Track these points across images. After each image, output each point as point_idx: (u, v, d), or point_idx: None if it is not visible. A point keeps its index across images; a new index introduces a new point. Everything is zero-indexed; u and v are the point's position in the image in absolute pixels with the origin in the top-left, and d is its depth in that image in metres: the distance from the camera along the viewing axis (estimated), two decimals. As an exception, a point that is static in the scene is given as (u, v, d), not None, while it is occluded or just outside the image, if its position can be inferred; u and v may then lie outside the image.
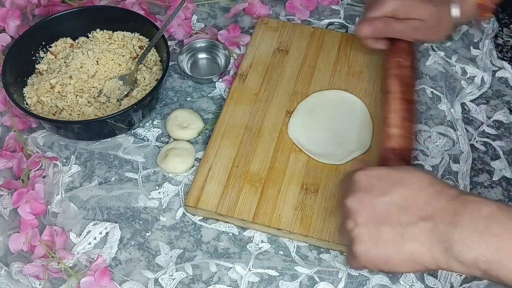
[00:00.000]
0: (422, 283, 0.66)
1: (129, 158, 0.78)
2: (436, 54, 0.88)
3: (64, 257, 0.67)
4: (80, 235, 0.70)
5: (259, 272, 0.67)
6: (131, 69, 0.84)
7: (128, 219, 0.72)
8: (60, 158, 0.78)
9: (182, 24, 0.89)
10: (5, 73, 0.77)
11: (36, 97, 0.80)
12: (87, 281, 0.65)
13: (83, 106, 0.79)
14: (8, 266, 0.67)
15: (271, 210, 0.70)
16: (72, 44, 0.87)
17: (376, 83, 0.83)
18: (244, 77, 0.84)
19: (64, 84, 0.81)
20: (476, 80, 0.86)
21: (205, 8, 0.96)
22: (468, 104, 0.84)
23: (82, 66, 0.83)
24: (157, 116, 0.82)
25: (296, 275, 0.67)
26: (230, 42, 0.89)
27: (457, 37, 0.88)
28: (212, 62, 0.89)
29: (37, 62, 0.85)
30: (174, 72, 0.88)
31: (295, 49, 0.87)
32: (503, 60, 0.88)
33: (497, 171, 0.77)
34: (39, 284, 0.66)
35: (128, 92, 0.81)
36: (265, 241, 0.70)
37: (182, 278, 0.67)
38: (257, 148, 0.76)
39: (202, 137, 0.80)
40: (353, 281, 0.66)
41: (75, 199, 0.74)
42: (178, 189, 0.75)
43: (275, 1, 0.97)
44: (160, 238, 0.71)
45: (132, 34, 0.87)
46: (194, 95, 0.85)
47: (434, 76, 0.86)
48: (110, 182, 0.76)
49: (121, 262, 0.69)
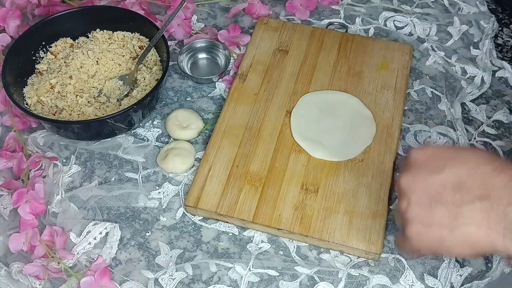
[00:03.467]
0: (422, 283, 0.66)
1: (129, 158, 0.78)
2: (436, 54, 0.88)
3: (64, 257, 0.67)
4: (80, 235, 0.70)
5: (259, 272, 0.67)
6: (131, 69, 0.84)
7: (128, 219, 0.72)
8: (60, 158, 0.78)
9: (182, 24, 0.89)
10: (5, 73, 0.77)
11: (36, 97, 0.80)
12: (87, 281, 0.65)
13: (83, 106, 0.79)
14: (8, 266, 0.67)
15: (271, 210, 0.70)
16: (72, 44, 0.87)
17: (376, 83, 0.83)
18: (244, 77, 0.84)
19: (64, 84, 0.81)
20: (476, 80, 0.86)
21: (205, 8, 0.96)
22: (468, 104, 0.84)
23: (82, 66, 0.83)
24: (157, 116, 0.82)
25: (296, 275, 0.67)
26: (230, 42, 0.89)
27: None
28: (212, 62, 0.89)
29: (37, 62, 0.85)
30: (174, 72, 0.88)
31: (295, 49, 0.87)
32: (503, 60, 0.88)
33: (497, 171, 0.77)
34: (39, 284, 0.66)
35: (128, 92, 0.81)
36: (265, 241, 0.70)
37: (182, 278, 0.67)
38: (257, 148, 0.76)
39: (202, 137, 0.80)
40: (353, 281, 0.66)
41: (75, 199, 0.74)
42: (178, 189, 0.75)
43: (275, 1, 0.97)
44: (160, 238, 0.71)
45: (132, 34, 0.87)
46: (194, 95, 0.85)
47: (434, 76, 0.86)
48: (110, 182, 0.76)
49: (121, 262, 0.69)
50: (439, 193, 0.50)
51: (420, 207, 0.51)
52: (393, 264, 0.68)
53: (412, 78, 0.86)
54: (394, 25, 0.93)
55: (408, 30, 0.92)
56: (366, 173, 0.73)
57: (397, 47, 0.87)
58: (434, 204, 0.50)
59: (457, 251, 0.51)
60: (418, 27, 0.92)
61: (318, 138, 0.77)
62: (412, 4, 0.95)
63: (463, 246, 0.50)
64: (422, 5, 0.96)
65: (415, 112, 0.82)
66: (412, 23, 0.92)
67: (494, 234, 0.48)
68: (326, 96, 0.82)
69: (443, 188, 0.50)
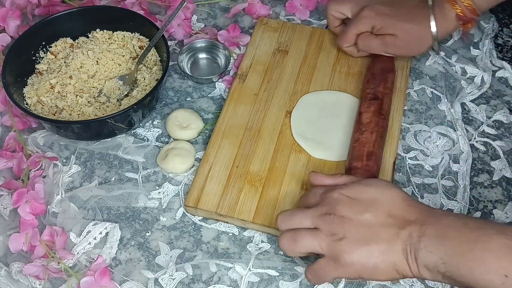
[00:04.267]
0: (422, 283, 0.66)
1: (129, 158, 0.78)
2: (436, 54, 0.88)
3: (64, 257, 0.67)
4: (80, 235, 0.70)
5: (259, 272, 0.67)
6: (131, 69, 0.84)
7: (128, 219, 0.72)
8: (60, 158, 0.78)
9: (182, 24, 0.89)
10: (5, 73, 0.77)
11: (36, 97, 0.80)
12: (87, 281, 0.65)
13: (83, 106, 0.79)
14: (8, 266, 0.67)
15: (271, 210, 0.70)
16: (72, 44, 0.87)
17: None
18: (244, 77, 0.84)
19: (64, 84, 0.81)
20: (476, 80, 0.86)
21: (205, 8, 0.96)
22: (468, 104, 0.84)
23: (82, 66, 0.83)
24: (157, 116, 0.82)
25: (296, 275, 0.67)
26: (230, 42, 0.89)
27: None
28: (212, 62, 0.89)
29: (37, 62, 0.85)
30: (174, 72, 0.88)
31: (295, 49, 0.87)
32: (503, 60, 0.88)
33: (497, 171, 0.77)
34: (39, 284, 0.66)
35: (128, 92, 0.81)
36: (265, 241, 0.70)
37: (182, 278, 0.67)
38: (257, 148, 0.76)
39: (202, 137, 0.80)
40: (353, 281, 0.66)
41: (75, 199, 0.74)
42: (178, 189, 0.75)
43: (275, 1, 0.97)
44: (160, 238, 0.71)
45: (132, 34, 0.87)
46: (194, 95, 0.85)
47: (434, 76, 0.86)
48: (110, 182, 0.76)
49: (121, 262, 0.69)
50: (370, 229, 0.57)
51: (356, 240, 0.57)
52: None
53: (412, 78, 0.86)
54: (394, 25, 0.93)
55: (408, 30, 0.92)
56: (366, 173, 0.73)
57: (397, 47, 0.87)
58: (368, 238, 0.57)
59: (384, 276, 0.57)
60: (418, 27, 0.92)
61: (318, 138, 0.77)
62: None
63: (391, 272, 0.56)
64: (422, 5, 0.96)
65: (415, 112, 0.82)
66: (412, 23, 0.92)
67: (410, 261, 0.55)
68: (326, 96, 0.82)
69: (372, 225, 0.57)
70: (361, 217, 0.58)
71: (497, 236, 0.52)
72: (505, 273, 0.50)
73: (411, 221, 0.56)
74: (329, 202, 0.60)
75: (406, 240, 0.55)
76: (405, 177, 0.75)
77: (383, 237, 0.56)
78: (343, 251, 0.57)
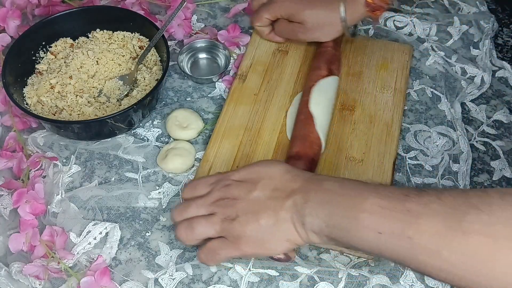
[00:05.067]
0: (422, 283, 0.66)
1: (129, 158, 0.78)
2: (436, 54, 0.88)
3: (64, 257, 0.67)
4: (80, 235, 0.70)
5: (259, 272, 0.67)
6: (131, 69, 0.84)
7: (128, 219, 0.72)
8: (60, 158, 0.78)
9: (182, 24, 0.89)
10: (5, 73, 0.77)
11: (36, 97, 0.80)
12: (87, 281, 0.65)
13: (83, 106, 0.79)
14: (8, 266, 0.67)
15: (271, 210, 0.70)
16: (72, 44, 0.87)
17: (376, 83, 0.83)
18: (244, 77, 0.84)
19: (64, 84, 0.81)
20: (476, 80, 0.86)
21: (205, 8, 0.96)
22: (468, 104, 0.84)
23: (82, 66, 0.83)
24: (157, 116, 0.82)
25: (296, 275, 0.67)
26: (230, 42, 0.89)
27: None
28: (212, 62, 0.89)
29: (37, 62, 0.85)
30: (174, 72, 0.88)
31: (295, 49, 0.87)
32: (503, 60, 0.88)
33: (497, 171, 0.77)
34: (39, 284, 0.66)
35: (128, 92, 0.81)
36: (265, 241, 0.70)
37: (182, 278, 0.67)
38: (257, 148, 0.76)
39: (202, 137, 0.80)
40: (353, 281, 0.66)
41: (75, 199, 0.74)
42: (178, 189, 0.75)
43: (275, 1, 0.97)
44: (160, 238, 0.71)
45: (132, 34, 0.87)
46: (194, 95, 0.85)
47: (434, 76, 0.86)
48: (110, 182, 0.76)
49: (121, 262, 0.69)
50: (260, 205, 0.59)
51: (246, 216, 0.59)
52: (393, 264, 0.68)
53: (412, 78, 0.86)
54: (394, 25, 0.93)
55: (408, 30, 0.92)
56: (366, 173, 0.73)
57: (397, 47, 0.87)
58: (257, 213, 0.59)
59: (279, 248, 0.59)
60: (418, 27, 0.92)
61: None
62: (412, 4, 0.95)
63: (283, 243, 0.59)
64: (422, 5, 0.96)
65: (415, 112, 0.82)
66: (412, 23, 0.92)
67: (299, 229, 0.57)
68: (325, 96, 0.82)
69: (261, 200, 0.59)
70: (250, 195, 0.60)
71: (371, 196, 0.54)
72: (378, 230, 0.52)
73: (295, 189, 0.58)
74: (220, 188, 0.62)
75: (291, 208, 0.57)
76: (405, 177, 0.75)
77: (270, 210, 0.58)
78: (235, 230, 0.59)
